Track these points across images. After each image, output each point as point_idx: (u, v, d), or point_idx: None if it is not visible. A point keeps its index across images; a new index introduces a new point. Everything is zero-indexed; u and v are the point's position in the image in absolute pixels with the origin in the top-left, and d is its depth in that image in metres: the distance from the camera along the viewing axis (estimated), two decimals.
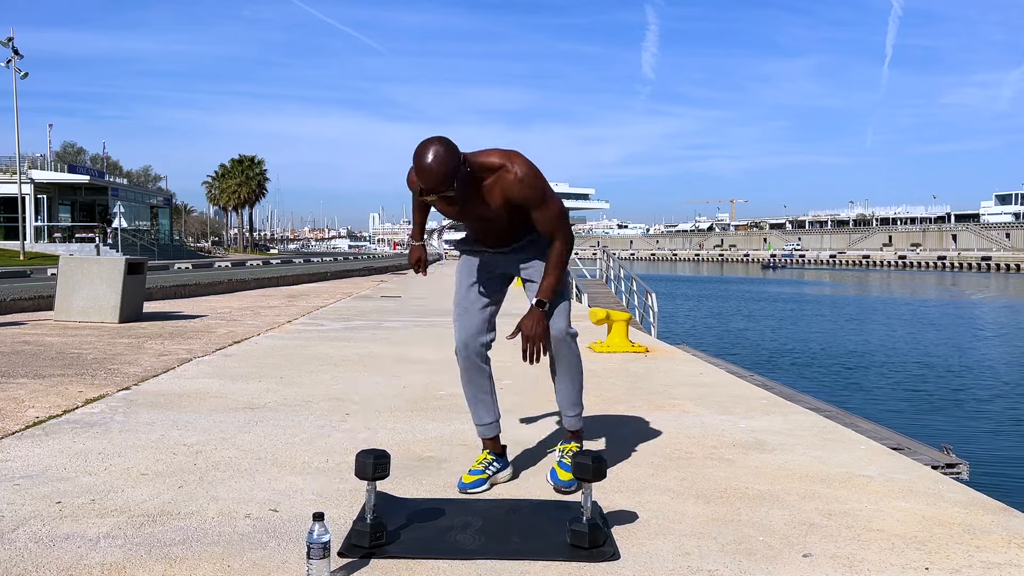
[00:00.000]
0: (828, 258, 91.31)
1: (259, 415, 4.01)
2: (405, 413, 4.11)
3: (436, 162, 2.41)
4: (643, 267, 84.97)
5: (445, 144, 2.45)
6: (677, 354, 7.07)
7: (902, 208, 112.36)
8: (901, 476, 3.09)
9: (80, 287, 8.65)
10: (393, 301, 12.78)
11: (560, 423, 3.07)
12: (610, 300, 16.48)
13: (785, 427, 3.93)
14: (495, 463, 2.90)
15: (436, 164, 2.41)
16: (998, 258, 72.36)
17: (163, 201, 50.60)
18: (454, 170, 2.44)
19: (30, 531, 2.33)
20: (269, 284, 17.40)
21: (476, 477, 2.82)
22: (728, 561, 2.19)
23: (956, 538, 2.39)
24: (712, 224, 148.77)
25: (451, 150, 2.44)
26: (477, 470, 2.85)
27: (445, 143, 2.45)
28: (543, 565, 2.16)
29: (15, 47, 33.34)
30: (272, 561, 2.15)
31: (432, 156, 2.41)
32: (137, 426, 3.72)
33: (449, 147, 2.44)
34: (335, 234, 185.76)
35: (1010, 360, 17.28)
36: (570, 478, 2.77)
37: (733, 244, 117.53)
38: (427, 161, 2.41)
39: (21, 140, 53.91)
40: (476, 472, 2.84)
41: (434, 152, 2.41)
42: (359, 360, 6.06)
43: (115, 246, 35.25)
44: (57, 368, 5.43)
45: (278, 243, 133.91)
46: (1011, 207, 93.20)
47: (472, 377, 2.90)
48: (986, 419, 11.15)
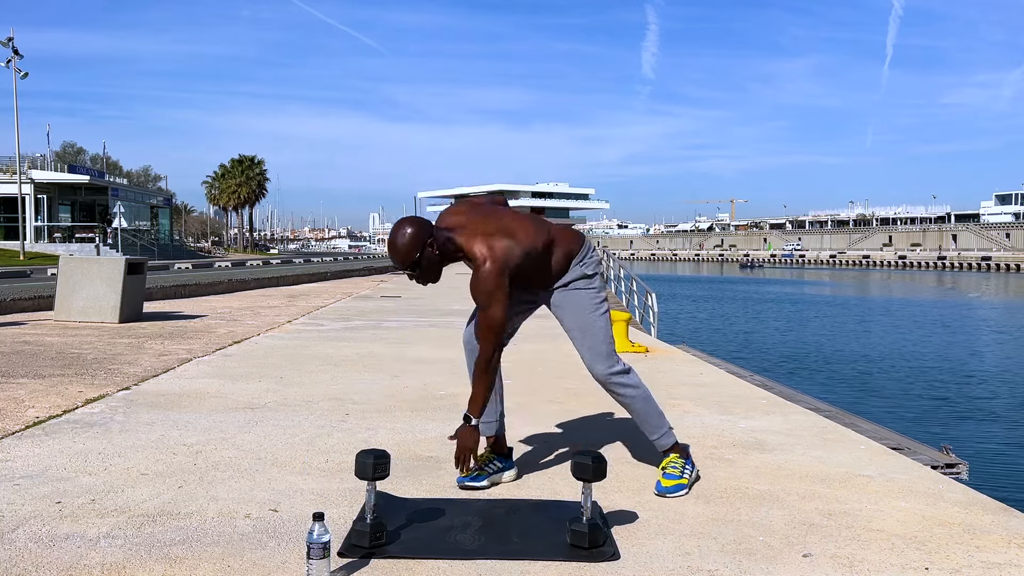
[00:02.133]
0: (828, 258, 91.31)
1: (259, 415, 4.01)
2: (405, 413, 4.11)
3: (400, 242, 2.62)
4: (643, 267, 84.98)
5: (414, 226, 2.64)
6: (677, 354, 7.07)
7: (902, 208, 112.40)
8: (901, 476, 3.09)
9: (80, 287, 8.65)
10: (393, 301, 12.78)
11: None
12: (610, 300, 16.48)
13: (785, 427, 3.93)
14: (495, 462, 2.90)
15: (400, 244, 2.62)
16: (998, 258, 72.35)
17: (163, 201, 50.60)
18: (414, 250, 2.62)
19: (30, 531, 2.33)
20: (269, 284, 17.40)
21: (474, 472, 2.82)
22: (728, 561, 2.19)
23: (956, 538, 2.39)
24: (712, 224, 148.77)
25: (416, 234, 2.62)
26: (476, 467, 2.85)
27: (414, 225, 2.64)
28: (543, 565, 2.16)
29: (15, 47, 33.35)
30: (272, 561, 2.15)
31: (398, 237, 2.62)
32: (137, 426, 3.72)
33: (416, 230, 2.62)
34: (335, 234, 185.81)
35: (1010, 360, 17.28)
36: (669, 484, 2.79)
37: (733, 244, 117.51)
38: (393, 240, 2.64)
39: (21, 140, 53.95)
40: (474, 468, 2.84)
41: (400, 233, 2.63)
42: (359, 360, 6.06)
43: (115, 246, 35.26)
44: (57, 368, 5.43)
45: (278, 243, 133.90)
46: (1011, 207, 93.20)
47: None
48: (986, 419, 11.15)
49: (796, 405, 4.65)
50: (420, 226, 2.64)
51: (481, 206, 2.85)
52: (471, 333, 2.91)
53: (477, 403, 2.70)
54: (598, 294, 2.89)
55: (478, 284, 2.65)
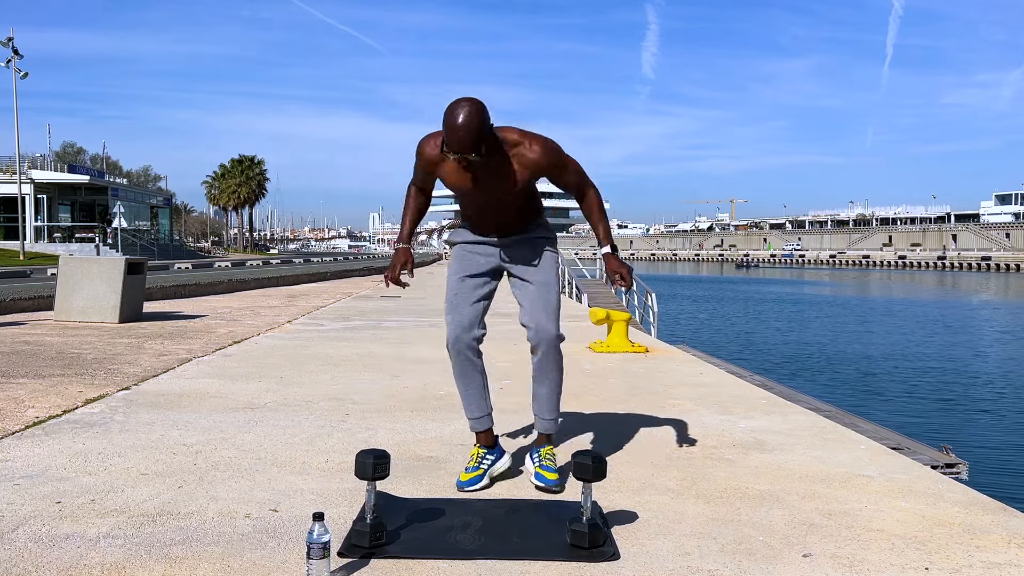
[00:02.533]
0: (828, 258, 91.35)
1: (259, 415, 4.01)
2: (405, 413, 4.11)
3: (470, 121, 2.40)
4: (643, 267, 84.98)
5: (479, 106, 2.46)
6: (677, 354, 7.07)
7: (902, 208, 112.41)
8: (901, 476, 3.09)
9: (80, 287, 8.65)
10: (393, 301, 12.78)
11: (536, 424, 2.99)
12: (610, 300, 16.48)
13: (785, 427, 3.93)
14: (488, 455, 2.89)
15: (470, 123, 2.40)
16: (998, 258, 72.35)
17: (163, 201, 50.60)
18: (486, 132, 2.47)
19: (30, 531, 2.33)
20: (269, 284, 17.40)
21: (473, 474, 2.82)
22: (728, 561, 2.19)
23: (956, 538, 2.39)
24: (712, 224, 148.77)
25: (484, 112, 2.47)
26: (472, 467, 2.85)
27: (479, 105, 2.47)
28: (543, 565, 2.16)
29: (15, 47, 33.35)
30: (272, 561, 2.15)
31: (466, 116, 2.41)
32: (137, 426, 3.72)
33: (482, 109, 2.47)
34: (335, 234, 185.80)
35: (1010, 360, 17.28)
36: (556, 477, 2.80)
37: (733, 244, 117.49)
38: (460, 120, 2.40)
39: (21, 140, 53.92)
40: (472, 469, 2.84)
41: (468, 112, 2.41)
42: (359, 360, 6.06)
43: (115, 246, 35.25)
44: (57, 368, 5.43)
45: (278, 243, 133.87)
46: (1011, 207, 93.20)
47: (464, 371, 2.89)
48: (986, 419, 11.15)
49: (796, 405, 4.65)
50: (481, 103, 2.47)
51: None
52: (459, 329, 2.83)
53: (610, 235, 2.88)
54: (557, 260, 2.98)
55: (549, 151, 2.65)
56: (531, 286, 2.84)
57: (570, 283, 18.56)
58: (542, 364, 2.85)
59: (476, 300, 2.87)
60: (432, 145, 2.68)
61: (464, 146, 2.43)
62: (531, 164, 2.65)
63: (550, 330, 2.80)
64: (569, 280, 18.81)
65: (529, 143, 2.64)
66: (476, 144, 2.44)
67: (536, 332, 2.80)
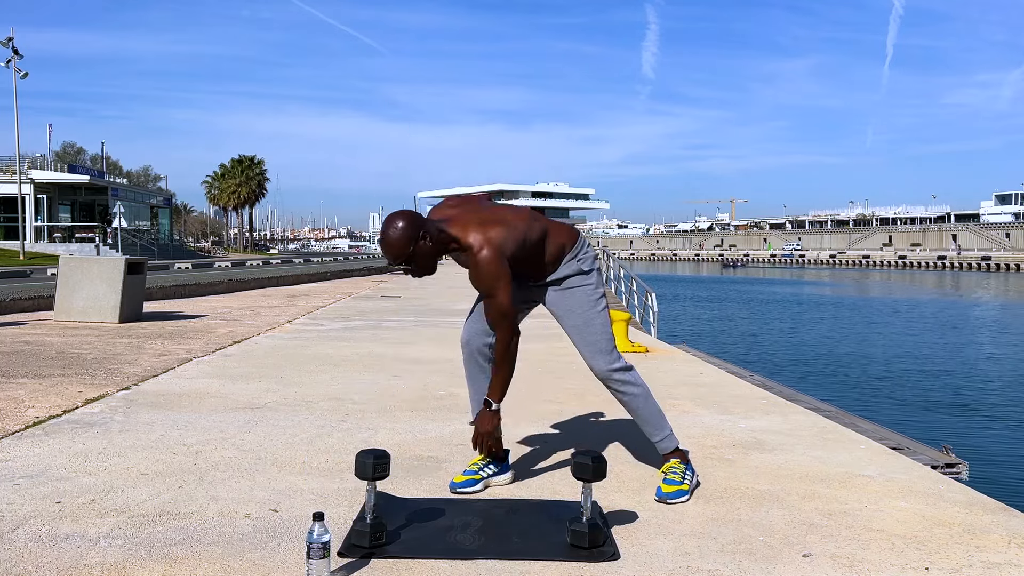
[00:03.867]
0: (828, 258, 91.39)
1: (259, 415, 4.01)
2: (405, 413, 4.11)
3: (392, 236, 2.56)
4: (643, 267, 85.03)
5: (405, 219, 2.58)
6: (677, 354, 7.07)
7: (902, 208, 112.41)
8: (901, 476, 3.09)
9: (80, 287, 8.65)
10: (393, 301, 12.78)
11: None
12: (610, 300, 16.47)
13: (785, 427, 3.93)
14: (491, 466, 2.87)
15: (392, 238, 2.56)
16: (998, 258, 72.35)
17: (163, 201, 50.60)
18: (407, 244, 2.57)
19: (30, 531, 2.33)
20: (269, 284, 17.40)
21: (467, 477, 2.81)
22: (728, 561, 2.19)
23: (956, 538, 2.39)
24: (712, 224, 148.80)
25: (407, 227, 2.56)
26: (470, 471, 2.84)
27: (405, 219, 2.58)
28: (543, 565, 2.16)
29: (15, 47, 33.35)
30: (272, 561, 2.15)
31: (389, 230, 2.56)
32: (137, 426, 3.72)
33: (407, 223, 2.57)
34: (335, 234, 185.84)
35: (1010, 360, 17.28)
36: (670, 490, 2.74)
37: (733, 244, 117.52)
38: (384, 234, 2.57)
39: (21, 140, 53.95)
40: (468, 472, 2.83)
41: (391, 227, 2.57)
42: (359, 360, 6.06)
43: (115, 246, 35.25)
44: (57, 368, 5.43)
45: (278, 243, 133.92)
46: (1011, 207, 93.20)
47: (472, 374, 2.92)
48: (986, 419, 11.15)
49: (796, 405, 4.65)
50: (411, 219, 2.59)
51: (472, 199, 2.84)
52: (472, 333, 2.90)
53: (497, 388, 2.70)
54: (596, 290, 2.87)
55: (479, 272, 2.61)
56: (568, 328, 2.86)
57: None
58: (619, 398, 2.85)
59: None
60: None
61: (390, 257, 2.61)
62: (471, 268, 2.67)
63: (600, 367, 2.80)
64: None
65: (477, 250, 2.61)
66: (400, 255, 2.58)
67: (593, 373, 2.83)
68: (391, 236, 2.56)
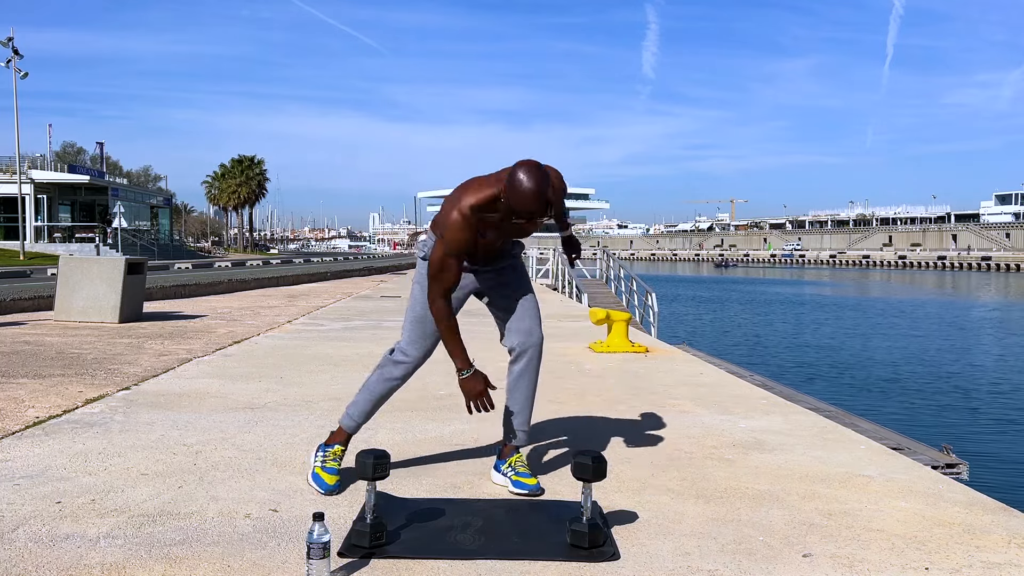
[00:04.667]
0: (828, 258, 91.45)
1: (259, 415, 4.01)
2: (405, 413, 4.10)
3: (546, 186, 2.44)
4: (643, 267, 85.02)
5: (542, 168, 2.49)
6: (677, 354, 7.07)
7: (902, 208, 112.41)
8: (901, 476, 3.09)
9: (80, 287, 8.65)
10: (393, 301, 12.78)
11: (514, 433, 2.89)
12: (610, 300, 16.50)
13: (785, 427, 3.93)
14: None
15: (546, 188, 2.44)
16: (998, 258, 72.36)
17: (163, 201, 50.59)
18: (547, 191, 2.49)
19: (30, 531, 2.33)
20: (269, 284, 17.40)
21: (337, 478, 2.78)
22: (728, 561, 2.19)
23: (956, 538, 2.39)
24: (712, 224, 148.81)
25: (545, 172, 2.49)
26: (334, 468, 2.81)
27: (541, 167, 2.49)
28: (543, 565, 2.16)
29: (15, 47, 33.35)
30: (272, 561, 2.15)
31: (544, 182, 2.44)
32: (137, 426, 3.72)
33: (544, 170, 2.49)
34: (335, 234, 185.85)
35: (1010, 360, 17.28)
36: (536, 481, 2.79)
37: (733, 244, 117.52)
38: (544, 187, 2.43)
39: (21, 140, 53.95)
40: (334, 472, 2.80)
41: (543, 177, 2.44)
42: (359, 360, 6.06)
43: (115, 246, 35.25)
44: (57, 368, 5.43)
45: (278, 243, 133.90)
46: (1011, 207, 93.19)
47: (382, 387, 2.91)
48: (986, 419, 11.15)
49: (796, 405, 4.65)
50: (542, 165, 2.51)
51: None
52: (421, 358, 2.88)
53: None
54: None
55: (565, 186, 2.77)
56: (517, 299, 2.84)
57: (570, 283, 18.57)
58: (527, 370, 2.83)
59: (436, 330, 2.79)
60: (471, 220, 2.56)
61: (542, 209, 2.46)
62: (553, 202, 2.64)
63: (540, 334, 2.84)
64: (569, 280, 18.82)
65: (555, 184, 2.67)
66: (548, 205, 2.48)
67: (528, 337, 2.80)
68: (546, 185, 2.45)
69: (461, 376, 2.67)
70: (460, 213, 2.56)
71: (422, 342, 2.82)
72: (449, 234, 2.56)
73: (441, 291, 2.62)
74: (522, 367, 2.83)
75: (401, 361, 2.85)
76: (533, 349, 2.81)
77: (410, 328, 2.83)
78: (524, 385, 2.85)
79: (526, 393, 2.86)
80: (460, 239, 2.57)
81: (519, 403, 2.86)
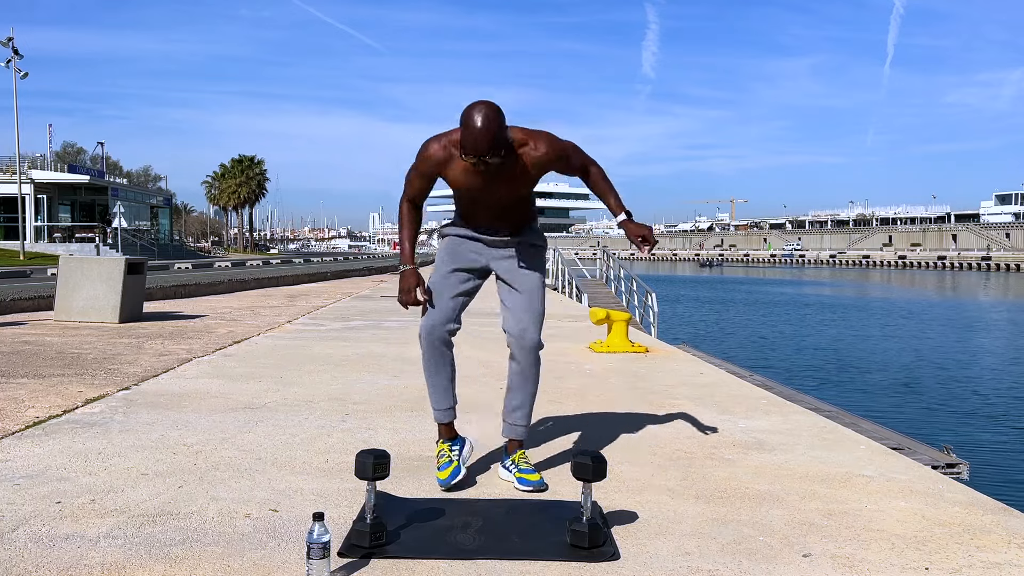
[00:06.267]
0: (828, 258, 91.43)
1: (259, 415, 4.01)
2: (405, 413, 4.10)
3: (489, 124, 2.46)
4: (643, 267, 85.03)
5: (496, 109, 2.53)
6: (677, 354, 7.07)
7: (902, 208, 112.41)
8: (901, 476, 3.09)
9: (80, 287, 8.65)
10: (393, 301, 12.77)
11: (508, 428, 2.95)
12: (610, 300, 16.49)
13: (785, 427, 3.93)
14: (454, 447, 2.89)
15: (489, 126, 2.46)
16: (998, 258, 72.35)
17: (163, 201, 50.59)
18: (504, 132, 2.53)
19: (30, 531, 2.33)
20: (269, 284, 17.40)
21: (450, 470, 2.81)
22: (728, 561, 2.19)
23: (956, 538, 2.39)
24: (712, 224, 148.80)
25: (501, 115, 2.53)
26: (446, 463, 2.84)
27: (496, 108, 2.53)
28: (543, 565, 2.16)
29: (15, 47, 33.35)
30: (272, 561, 2.15)
31: (484, 119, 2.47)
32: (137, 426, 3.72)
33: (499, 112, 2.53)
34: (335, 234, 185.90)
35: (1010, 360, 17.28)
36: (540, 477, 2.82)
37: (733, 244, 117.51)
38: (480, 123, 2.46)
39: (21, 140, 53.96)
40: (446, 466, 2.83)
41: (486, 115, 2.48)
42: (359, 360, 6.06)
43: (115, 246, 35.24)
44: (57, 368, 5.42)
45: (278, 243, 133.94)
46: (1011, 207, 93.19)
47: (435, 362, 2.88)
48: (986, 419, 11.15)
49: (796, 405, 4.65)
50: (496, 106, 2.53)
51: None
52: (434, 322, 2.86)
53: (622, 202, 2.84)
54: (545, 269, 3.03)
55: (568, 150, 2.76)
56: (519, 292, 2.86)
57: (570, 283, 18.56)
58: (524, 372, 2.86)
59: (458, 294, 2.87)
60: (438, 147, 2.69)
61: (484, 148, 2.48)
62: (538, 161, 2.69)
63: (534, 337, 2.83)
64: (569, 280, 18.81)
65: (534, 142, 2.68)
66: (495, 146, 2.49)
67: (520, 338, 2.82)
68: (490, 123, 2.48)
69: (400, 269, 2.88)
70: (427, 140, 2.73)
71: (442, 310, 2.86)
72: (417, 155, 2.75)
73: (406, 197, 2.85)
74: (517, 368, 2.87)
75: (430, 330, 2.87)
76: (527, 352, 2.83)
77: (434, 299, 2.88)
78: (521, 382, 2.88)
79: (526, 389, 2.89)
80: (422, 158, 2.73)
81: (518, 399, 2.90)
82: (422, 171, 2.76)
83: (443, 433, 2.94)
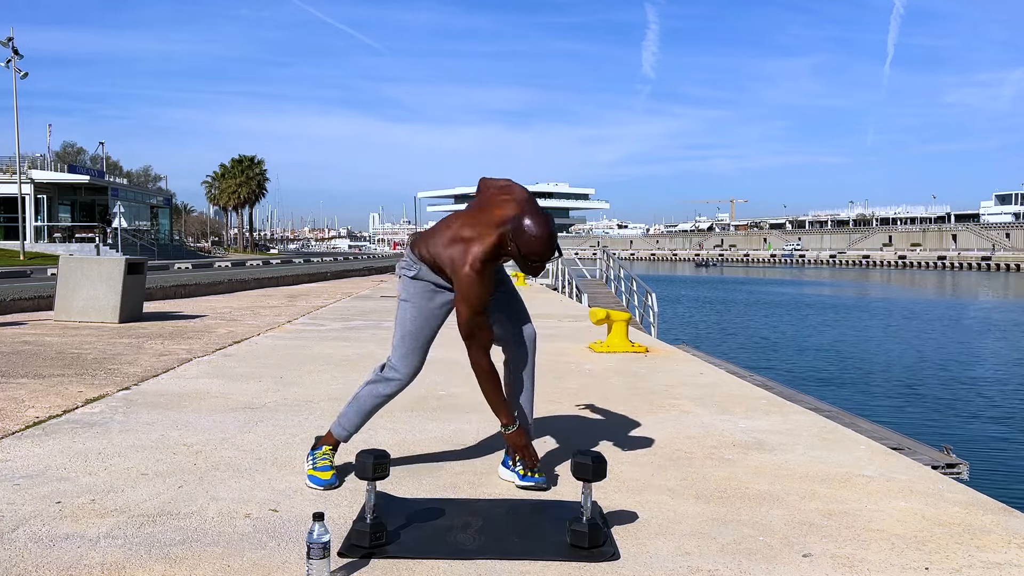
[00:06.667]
0: (828, 258, 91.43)
1: (259, 415, 4.01)
2: (405, 413, 4.10)
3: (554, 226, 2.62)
4: (643, 267, 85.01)
5: None
6: (677, 354, 7.07)
7: (902, 208, 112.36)
8: (901, 476, 3.09)
9: (80, 287, 8.65)
10: (393, 301, 12.76)
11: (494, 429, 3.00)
12: (610, 300, 16.49)
13: (785, 427, 3.93)
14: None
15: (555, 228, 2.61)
16: (998, 258, 72.33)
17: (163, 201, 50.58)
18: None
19: (30, 531, 2.33)
20: (269, 284, 17.40)
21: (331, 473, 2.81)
22: (728, 561, 2.19)
23: (956, 538, 2.39)
24: (712, 224, 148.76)
25: None
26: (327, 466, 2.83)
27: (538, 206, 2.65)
28: (543, 565, 2.16)
29: (15, 47, 33.35)
30: (272, 561, 2.15)
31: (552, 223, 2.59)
32: (137, 426, 3.72)
33: None
34: (335, 234, 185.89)
35: (1010, 360, 17.28)
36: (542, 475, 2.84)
37: (733, 244, 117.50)
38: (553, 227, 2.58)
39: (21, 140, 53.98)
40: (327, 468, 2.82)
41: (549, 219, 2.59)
42: (359, 360, 6.06)
43: (115, 246, 35.24)
44: (57, 368, 5.43)
45: (278, 243, 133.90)
46: (1011, 207, 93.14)
47: (381, 402, 2.91)
48: (986, 419, 11.15)
49: (796, 405, 4.65)
50: None
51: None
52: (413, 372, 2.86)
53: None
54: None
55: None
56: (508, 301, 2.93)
57: (570, 283, 18.57)
58: (530, 366, 2.93)
59: (429, 341, 2.85)
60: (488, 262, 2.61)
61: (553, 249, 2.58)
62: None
63: (532, 331, 2.96)
64: (569, 280, 18.82)
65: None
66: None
67: (526, 334, 2.91)
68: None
69: (506, 431, 2.76)
70: (473, 270, 2.58)
71: (412, 357, 2.83)
72: (470, 293, 2.59)
73: (480, 349, 2.67)
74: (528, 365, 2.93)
75: (392, 378, 2.87)
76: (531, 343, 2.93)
77: (400, 344, 2.83)
78: (528, 381, 2.95)
79: (530, 388, 2.95)
80: (481, 294, 2.61)
81: (525, 398, 2.94)
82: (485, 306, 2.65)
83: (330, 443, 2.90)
